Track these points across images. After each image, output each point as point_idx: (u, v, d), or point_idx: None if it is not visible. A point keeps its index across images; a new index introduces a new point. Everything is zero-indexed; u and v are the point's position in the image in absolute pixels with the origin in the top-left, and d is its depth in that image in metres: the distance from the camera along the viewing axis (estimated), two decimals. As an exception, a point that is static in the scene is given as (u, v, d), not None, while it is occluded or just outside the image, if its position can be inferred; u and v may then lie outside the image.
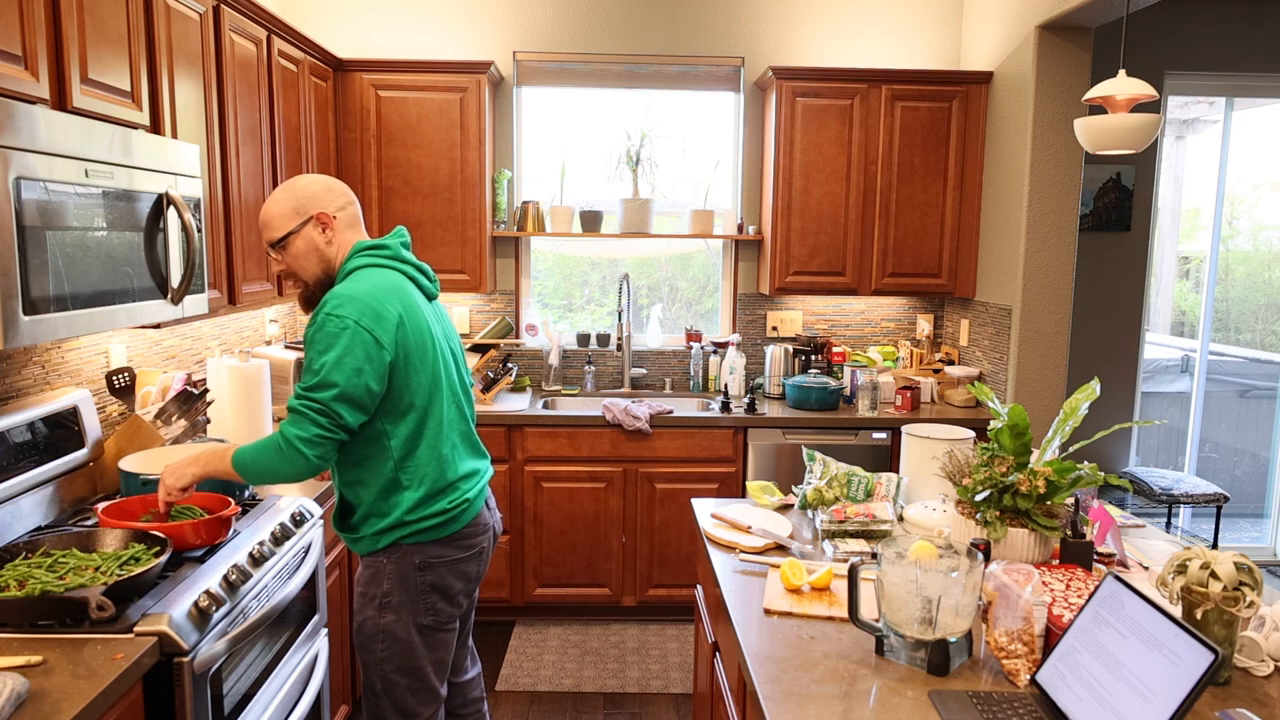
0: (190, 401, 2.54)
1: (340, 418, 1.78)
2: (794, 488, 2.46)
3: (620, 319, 4.11)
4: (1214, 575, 1.43)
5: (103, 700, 1.40)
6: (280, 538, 2.16)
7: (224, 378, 2.71)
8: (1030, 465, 1.85)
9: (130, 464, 2.20)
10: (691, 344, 4.22)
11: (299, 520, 2.29)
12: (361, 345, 1.79)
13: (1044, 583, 1.67)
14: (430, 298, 2.07)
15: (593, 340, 4.23)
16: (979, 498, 1.84)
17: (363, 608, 1.98)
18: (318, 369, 1.78)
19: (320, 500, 2.47)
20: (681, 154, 4.23)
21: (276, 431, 1.80)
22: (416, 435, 1.91)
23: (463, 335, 4.18)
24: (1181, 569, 1.48)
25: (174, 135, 2.28)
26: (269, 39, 2.93)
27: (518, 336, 4.20)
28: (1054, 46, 3.42)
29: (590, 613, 3.86)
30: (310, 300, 2.01)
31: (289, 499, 2.36)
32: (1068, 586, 1.66)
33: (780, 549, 2.08)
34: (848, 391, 3.95)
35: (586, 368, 4.20)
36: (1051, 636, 1.50)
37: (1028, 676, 1.44)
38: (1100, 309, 4.48)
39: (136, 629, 1.59)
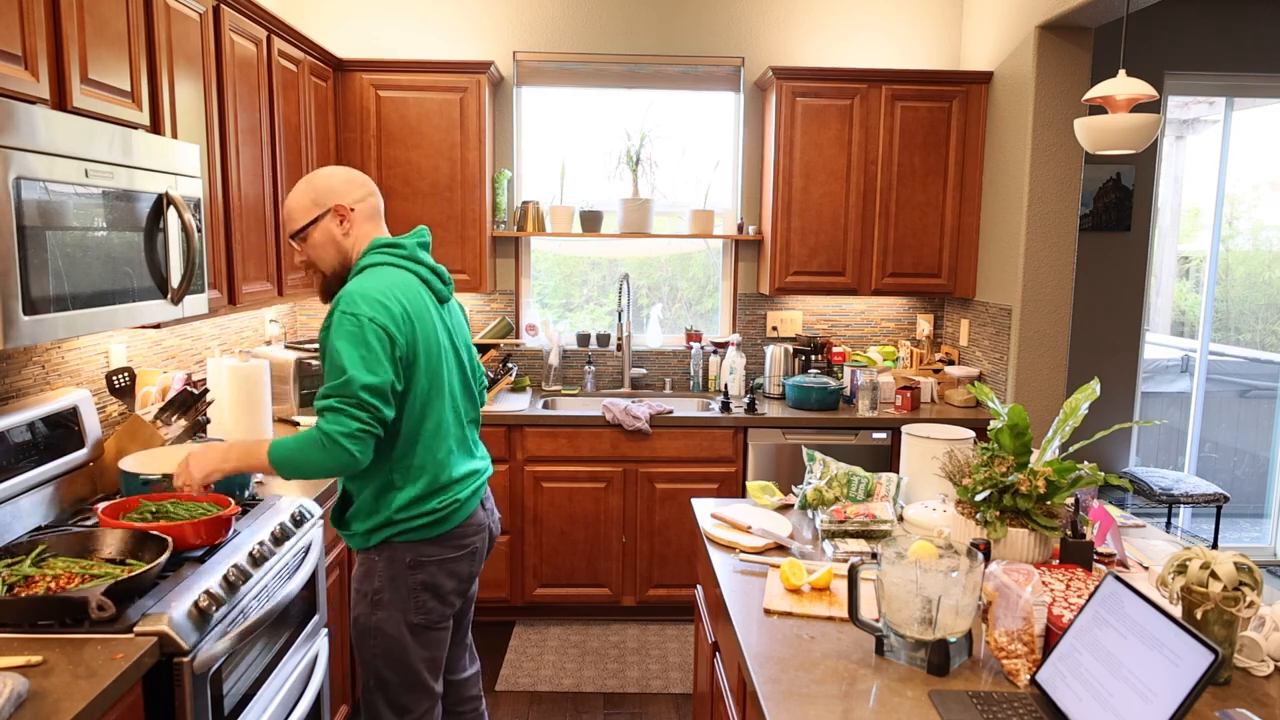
0: (190, 401, 2.54)
1: (378, 409, 1.80)
2: (794, 488, 2.46)
3: (620, 319, 4.11)
4: (1214, 575, 1.43)
5: (103, 700, 1.40)
6: (280, 538, 2.16)
7: (224, 378, 2.71)
8: (1030, 465, 1.85)
9: (130, 464, 2.20)
10: (691, 344, 4.22)
11: (299, 520, 2.29)
12: (378, 340, 1.81)
13: (1044, 583, 1.67)
14: (443, 300, 2.08)
15: (593, 340, 4.23)
16: (979, 498, 1.84)
17: (357, 604, 2.00)
18: (343, 366, 1.79)
19: (320, 500, 2.47)
20: (681, 154, 4.23)
21: (313, 428, 1.81)
22: (413, 437, 1.93)
23: (463, 335, 4.18)
24: (1181, 569, 1.48)
25: (174, 135, 2.28)
26: (269, 39, 2.93)
27: (518, 336, 4.20)
28: (1054, 46, 3.42)
29: (590, 613, 3.86)
30: (327, 290, 2.03)
31: (289, 499, 2.36)
32: (1068, 586, 1.66)
33: (780, 549, 2.08)
34: (848, 391, 3.95)
35: (586, 368, 4.20)
36: (1051, 636, 1.50)
37: (1028, 676, 1.44)
38: (1100, 309, 4.48)
39: (136, 629, 1.59)
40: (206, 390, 2.63)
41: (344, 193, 1.99)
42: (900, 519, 2.22)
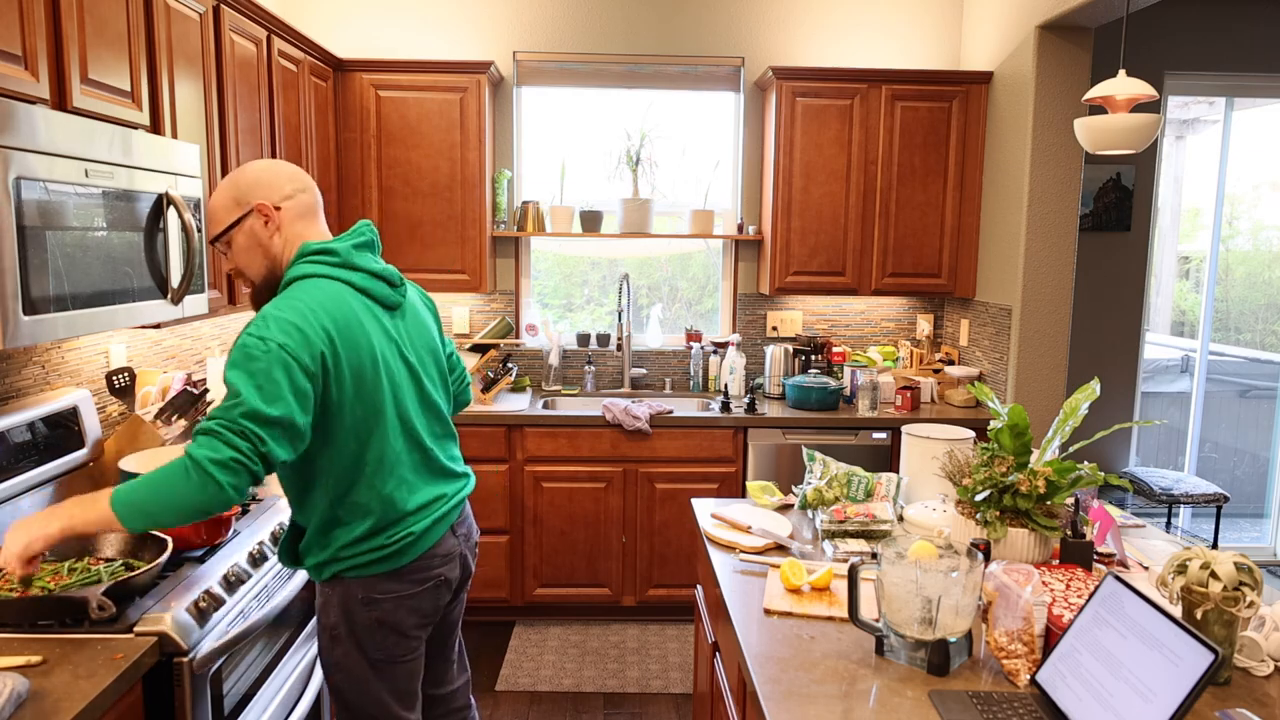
0: (190, 401, 2.54)
1: (263, 442, 1.52)
2: (794, 488, 2.46)
3: (620, 319, 4.11)
4: (1214, 575, 1.43)
5: (103, 700, 1.40)
6: (280, 538, 2.16)
7: (224, 378, 2.71)
8: (1030, 465, 1.85)
9: (130, 464, 2.20)
10: (691, 344, 4.22)
11: (299, 520, 2.29)
12: (284, 370, 1.56)
13: (1044, 583, 1.67)
14: (393, 306, 1.82)
15: (593, 340, 4.23)
16: (979, 498, 1.84)
17: (318, 636, 1.85)
18: (236, 390, 1.53)
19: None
20: (681, 154, 4.23)
21: (178, 458, 1.53)
22: (352, 473, 1.71)
23: (463, 335, 4.18)
24: (1181, 569, 1.48)
25: (174, 135, 2.28)
26: (269, 39, 2.93)
27: (518, 336, 4.20)
28: (1054, 46, 3.42)
29: (590, 613, 3.86)
30: (259, 301, 1.81)
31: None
32: (1068, 586, 1.66)
33: (780, 549, 2.08)
34: (848, 391, 3.95)
35: (586, 368, 4.20)
36: (1051, 636, 1.50)
37: (1028, 676, 1.44)
38: (1100, 309, 4.48)
39: (136, 629, 1.59)
40: (206, 390, 2.63)
41: (269, 188, 1.75)
42: (900, 519, 2.22)
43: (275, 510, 2.26)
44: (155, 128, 2.20)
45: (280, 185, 1.77)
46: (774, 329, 4.30)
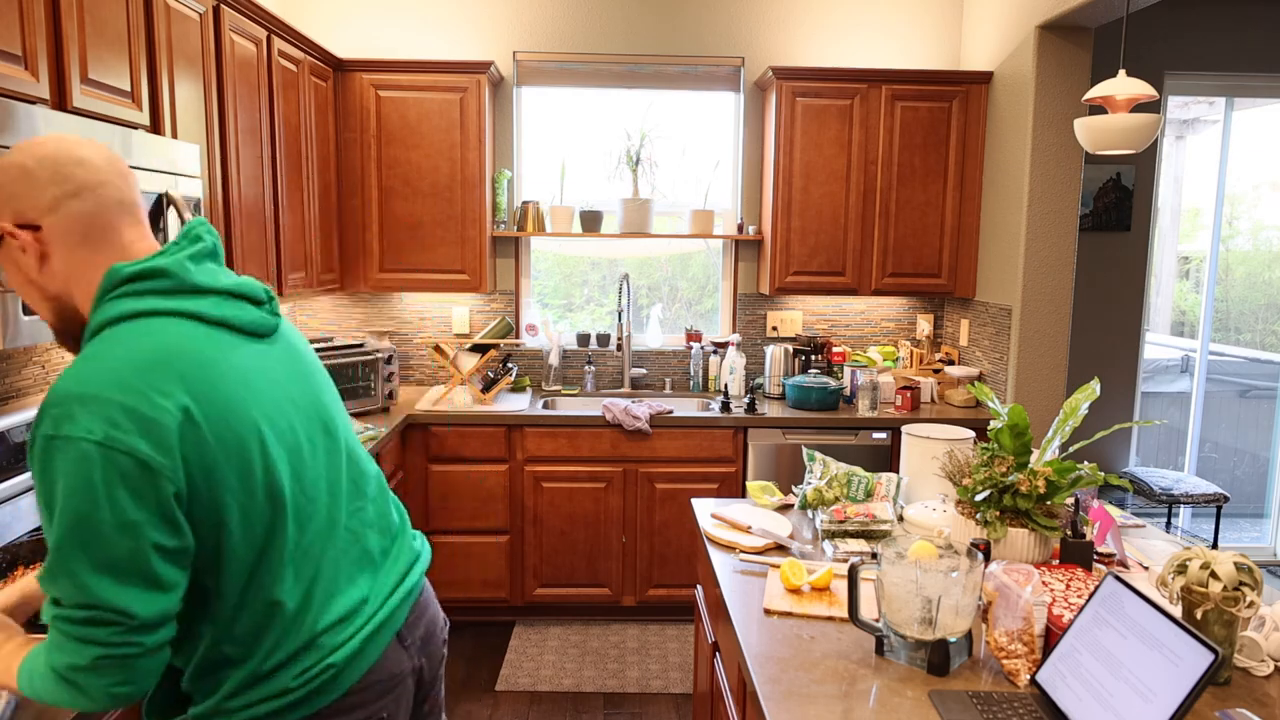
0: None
1: (131, 616, 1.07)
2: (794, 488, 2.46)
3: (620, 319, 4.11)
4: (1214, 575, 1.43)
5: (103, 700, 1.40)
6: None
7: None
8: (1030, 465, 1.85)
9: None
10: (691, 344, 4.22)
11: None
12: (120, 478, 1.05)
13: (1044, 583, 1.68)
14: (263, 333, 1.28)
15: (593, 340, 4.23)
16: (979, 498, 1.84)
17: None
18: (65, 559, 1.06)
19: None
20: (681, 154, 4.23)
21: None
22: (246, 589, 1.20)
23: (463, 335, 4.18)
24: (1181, 569, 1.48)
25: (174, 135, 2.28)
26: (269, 39, 2.93)
27: (518, 336, 4.20)
28: (1054, 46, 3.42)
29: (590, 613, 3.86)
30: (74, 340, 1.25)
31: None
32: (1068, 586, 1.66)
33: (780, 549, 2.08)
34: (848, 391, 3.95)
35: (586, 368, 4.20)
36: (1051, 636, 1.50)
37: (1028, 676, 1.44)
38: (1100, 309, 4.48)
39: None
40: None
41: (24, 198, 1.15)
42: (900, 519, 2.22)
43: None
44: (155, 128, 2.20)
45: (40, 191, 1.15)
46: (774, 329, 4.30)
